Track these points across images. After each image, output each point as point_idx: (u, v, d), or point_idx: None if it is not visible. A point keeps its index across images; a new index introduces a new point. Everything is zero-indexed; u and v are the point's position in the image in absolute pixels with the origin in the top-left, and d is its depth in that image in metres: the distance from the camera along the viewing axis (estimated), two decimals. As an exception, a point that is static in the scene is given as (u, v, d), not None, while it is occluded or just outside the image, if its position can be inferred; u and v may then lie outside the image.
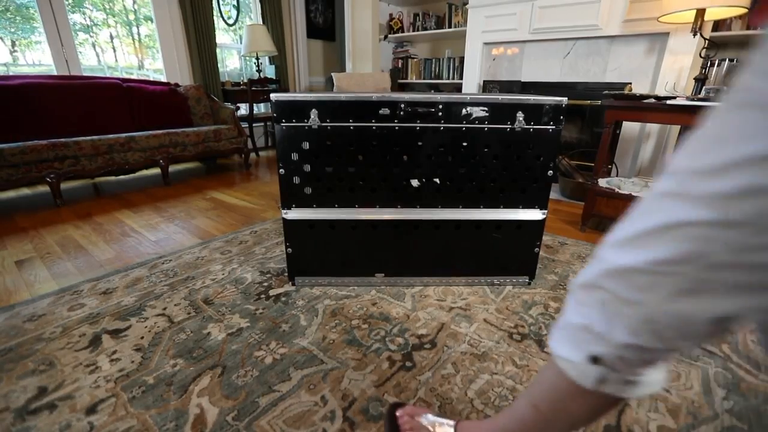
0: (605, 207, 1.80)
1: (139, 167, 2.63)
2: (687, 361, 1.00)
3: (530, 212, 1.29)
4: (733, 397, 0.89)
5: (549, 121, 1.19)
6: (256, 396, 0.88)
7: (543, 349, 1.05)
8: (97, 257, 1.62)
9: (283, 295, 1.31)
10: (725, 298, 0.32)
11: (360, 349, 1.04)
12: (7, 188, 2.12)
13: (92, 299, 1.29)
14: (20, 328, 1.13)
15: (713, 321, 0.33)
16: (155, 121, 2.97)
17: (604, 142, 1.80)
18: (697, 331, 0.34)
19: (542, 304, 1.27)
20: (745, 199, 0.28)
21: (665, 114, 1.62)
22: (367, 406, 0.86)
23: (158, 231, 1.91)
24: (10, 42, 2.85)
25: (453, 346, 1.06)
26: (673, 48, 2.21)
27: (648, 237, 0.35)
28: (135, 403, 0.87)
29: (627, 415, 0.84)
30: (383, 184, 1.25)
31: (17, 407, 0.85)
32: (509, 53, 2.90)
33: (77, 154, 2.31)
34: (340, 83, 2.94)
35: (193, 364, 0.99)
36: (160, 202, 2.38)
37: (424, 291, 1.34)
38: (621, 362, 0.39)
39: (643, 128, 2.43)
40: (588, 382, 0.42)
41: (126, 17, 3.36)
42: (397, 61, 4.09)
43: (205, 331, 1.12)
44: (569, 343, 0.43)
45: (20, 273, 1.48)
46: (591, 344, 0.41)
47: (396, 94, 1.18)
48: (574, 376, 0.43)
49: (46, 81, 2.50)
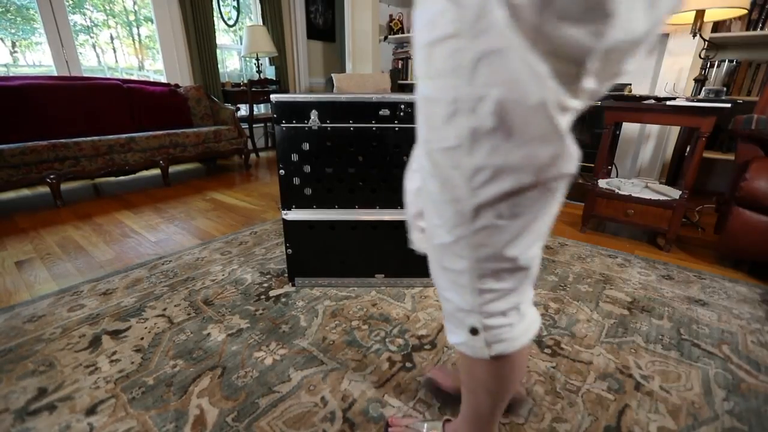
0: (605, 208, 1.80)
1: (139, 168, 2.63)
2: (687, 362, 1.00)
3: (530, 213, 1.29)
4: (734, 398, 0.89)
5: (549, 122, 1.19)
6: (256, 397, 0.88)
7: (543, 350, 1.05)
8: (97, 258, 1.62)
9: (283, 295, 1.31)
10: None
11: (360, 350, 1.04)
12: (7, 189, 2.12)
13: (92, 300, 1.29)
14: (20, 329, 1.13)
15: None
16: (155, 122, 2.97)
17: (604, 143, 1.80)
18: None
19: (542, 305, 1.27)
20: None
21: (665, 115, 1.63)
22: (367, 407, 0.86)
23: (158, 232, 1.91)
24: (10, 43, 2.85)
25: (453, 347, 1.06)
26: (672, 49, 2.21)
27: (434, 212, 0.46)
28: (135, 404, 0.86)
29: (627, 415, 0.84)
30: (383, 184, 1.25)
31: (17, 408, 0.85)
32: (509, 54, 2.91)
33: (77, 154, 2.31)
34: (340, 84, 2.94)
35: (193, 364, 0.99)
36: (160, 203, 2.38)
37: (424, 292, 1.34)
38: (487, 319, 0.47)
39: (643, 129, 2.44)
40: (483, 353, 0.49)
41: (126, 18, 3.36)
42: (397, 62, 4.09)
43: (205, 331, 1.12)
44: (455, 329, 0.51)
45: (20, 274, 1.48)
46: (465, 319, 0.48)
47: (396, 95, 1.18)
48: (472, 354, 0.50)
49: (46, 82, 2.50)
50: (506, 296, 0.46)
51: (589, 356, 1.02)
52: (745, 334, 1.12)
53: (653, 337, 1.10)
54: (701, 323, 1.18)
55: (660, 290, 1.37)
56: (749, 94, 2.33)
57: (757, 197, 1.36)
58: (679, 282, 1.42)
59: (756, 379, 0.95)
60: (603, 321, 1.18)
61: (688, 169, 1.66)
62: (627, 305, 1.27)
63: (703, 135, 1.55)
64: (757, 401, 0.88)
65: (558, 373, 0.96)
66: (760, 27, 2.16)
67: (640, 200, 1.70)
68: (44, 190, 2.69)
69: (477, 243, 0.43)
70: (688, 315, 1.22)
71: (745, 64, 2.32)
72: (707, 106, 1.49)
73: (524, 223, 0.42)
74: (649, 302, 1.29)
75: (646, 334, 1.12)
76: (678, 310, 1.24)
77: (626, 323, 1.17)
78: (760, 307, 1.26)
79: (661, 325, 1.16)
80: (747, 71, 2.32)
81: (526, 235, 0.43)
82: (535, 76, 0.33)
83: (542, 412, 0.85)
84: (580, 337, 1.10)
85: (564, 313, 1.22)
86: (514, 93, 0.34)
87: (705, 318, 1.20)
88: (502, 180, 0.38)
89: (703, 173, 2.75)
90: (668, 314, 1.22)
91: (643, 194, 1.72)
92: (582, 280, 1.43)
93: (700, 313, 1.23)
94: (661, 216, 1.67)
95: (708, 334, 1.12)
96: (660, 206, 1.66)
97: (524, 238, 0.43)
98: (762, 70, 2.27)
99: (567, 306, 1.26)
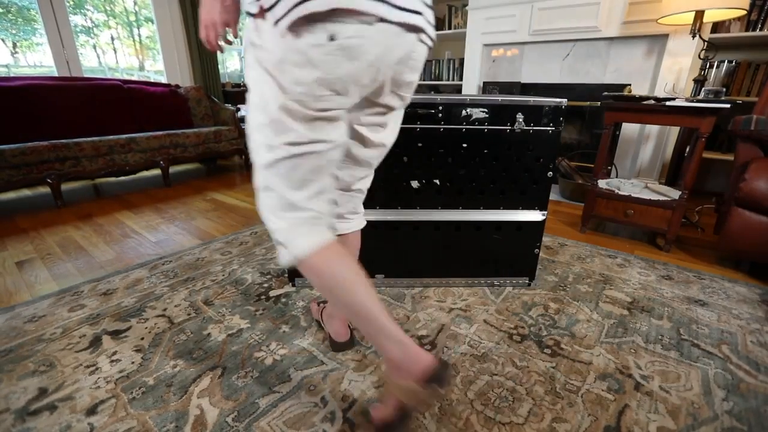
0: (605, 208, 1.80)
1: (140, 168, 2.64)
2: (687, 362, 1.00)
3: (530, 213, 1.29)
4: (733, 398, 0.89)
5: (549, 123, 1.19)
6: (256, 397, 0.88)
7: (543, 350, 1.05)
8: (97, 258, 1.62)
9: (283, 296, 1.32)
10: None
11: (360, 350, 1.04)
12: (8, 189, 2.12)
13: (92, 300, 1.29)
14: (21, 329, 1.13)
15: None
16: (156, 123, 2.97)
17: (604, 144, 1.80)
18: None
19: (542, 305, 1.27)
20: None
21: (664, 115, 1.63)
22: (367, 408, 0.86)
23: (158, 232, 1.91)
24: (11, 43, 2.85)
25: (453, 347, 1.06)
26: (672, 49, 2.21)
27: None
28: (135, 404, 0.87)
29: (627, 416, 0.84)
30: (383, 185, 1.25)
31: (17, 408, 0.85)
32: (509, 55, 2.91)
33: (78, 155, 2.32)
34: (340, 85, 2.94)
35: (193, 365, 0.99)
36: (160, 203, 2.39)
37: (424, 292, 1.34)
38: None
39: (643, 129, 2.44)
40: (286, 259, 0.69)
41: (127, 18, 3.36)
42: (397, 62, 4.09)
43: (206, 332, 1.12)
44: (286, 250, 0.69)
45: (21, 274, 1.48)
46: (276, 238, 0.69)
47: (396, 96, 1.18)
48: (285, 262, 0.69)
49: (46, 82, 2.51)
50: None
51: (588, 356, 1.03)
52: (744, 335, 1.12)
53: (653, 338, 1.11)
54: (701, 323, 1.18)
55: (660, 290, 1.37)
56: (748, 94, 2.33)
57: (756, 198, 1.36)
58: (678, 282, 1.43)
59: (755, 380, 0.95)
60: (603, 321, 1.18)
61: (687, 170, 1.66)
62: (627, 305, 1.27)
63: (703, 135, 1.55)
64: (757, 401, 0.89)
65: (558, 373, 0.96)
66: (759, 27, 2.16)
67: (639, 200, 1.70)
68: (45, 190, 2.69)
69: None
70: (688, 315, 1.22)
71: (744, 65, 2.33)
72: (707, 107, 1.50)
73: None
74: (649, 302, 1.29)
75: (646, 334, 1.12)
76: (678, 311, 1.24)
77: (626, 323, 1.17)
78: (760, 308, 1.26)
79: (660, 326, 1.16)
80: (746, 72, 2.32)
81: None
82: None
83: (542, 412, 0.85)
84: (579, 338, 1.10)
85: (564, 313, 1.23)
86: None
87: (704, 318, 1.20)
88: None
89: (702, 173, 2.75)
90: (668, 314, 1.22)
91: (643, 194, 1.73)
92: (582, 281, 1.43)
93: (699, 313, 1.23)
94: (660, 216, 1.67)
95: (707, 334, 1.13)
96: (660, 206, 1.66)
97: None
98: (761, 70, 2.27)
99: (567, 306, 1.26)
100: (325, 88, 0.59)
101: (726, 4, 1.72)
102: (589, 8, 2.37)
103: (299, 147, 0.62)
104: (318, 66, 0.57)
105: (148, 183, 2.92)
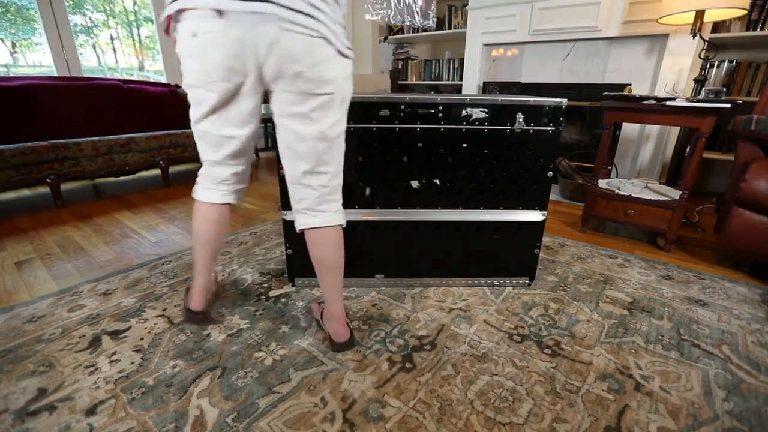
0: (605, 208, 1.80)
1: (140, 168, 2.63)
2: (687, 362, 1.00)
3: (530, 213, 1.29)
4: (734, 399, 0.89)
5: (549, 123, 1.19)
6: (255, 397, 0.88)
7: (543, 350, 1.05)
8: (97, 258, 1.62)
9: (283, 296, 1.31)
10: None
11: (360, 351, 1.04)
12: (7, 189, 2.11)
13: (92, 300, 1.29)
14: (20, 329, 1.13)
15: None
16: (155, 123, 2.97)
17: (604, 144, 1.80)
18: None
19: (542, 305, 1.27)
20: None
21: (665, 115, 1.63)
22: (367, 408, 0.86)
23: (158, 232, 1.91)
24: (10, 43, 2.85)
25: (453, 347, 1.06)
26: (672, 49, 2.21)
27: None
28: (135, 404, 0.86)
29: (627, 416, 0.84)
30: (383, 185, 1.25)
31: (17, 408, 0.85)
32: (509, 54, 2.91)
33: (77, 155, 2.31)
34: (340, 84, 2.93)
35: (192, 365, 0.99)
36: (160, 203, 2.38)
37: (424, 292, 1.34)
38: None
39: (643, 129, 2.44)
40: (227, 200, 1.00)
41: (126, 18, 3.36)
42: (397, 62, 4.09)
43: (205, 332, 1.12)
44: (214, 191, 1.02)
45: (20, 274, 1.48)
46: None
47: (396, 95, 1.18)
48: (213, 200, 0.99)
49: (46, 82, 2.50)
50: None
51: (589, 356, 1.02)
52: (745, 335, 1.12)
53: (653, 338, 1.10)
54: (701, 323, 1.18)
55: (660, 290, 1.37)
56: (749, 94, 2.33)
57: (756, 198, 1.36)
58: (679, 282, 1.42)
59: (756, 380, 0.95)
60: (603, 321, 1.18)
61: (687, 170, 1.66)
62: (627, 305, 1.27)
63: (703, 135, 1.55)
64: (757, 402, 0.88)
65: (558, 374, 0.96)
66: (759, 27, 2.16)
67: (640, 200, 1.70)
68: (44, 190, 2.69)
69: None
70: (688, 315, 1.22)
71: (744, 65, 2.33)
72: (707, 107, 1.50)
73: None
74: (649, 302, 1.29)
75: (646, 334, 1.12)
76: (678, 311, 1.24)
77: (626, 323, 1.17)
78: (760, 308, 1.26)
79: (661, 326, 1.16)
80: (747, 71, 2.32)
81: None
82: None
83: (542, 412, 0.85)
84: (580, 338, 1.10)
85: (564, 313, 1.22)
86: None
87: (705, 318, 1.20)
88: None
89: (702, 173, 2.75)
90: (668, 314, 1.22)
91: (643, 194, 1.73)
92: (582, 281, 1.43)
93: (700, 313, 1.23)
94: (661, 216, 1.67)
95: (708, 334, 1.12)
96: (660, 206, 1.66)
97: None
98: (762, 70, 2.27)
99: (567, 306, 1.26)
100: (203, 75, 0.75)
101: (726, 4, 1.72)
102: (589, 8, 2.37)
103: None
104: (194, 57, 0.73)
105: (148, 183, 2.91)
